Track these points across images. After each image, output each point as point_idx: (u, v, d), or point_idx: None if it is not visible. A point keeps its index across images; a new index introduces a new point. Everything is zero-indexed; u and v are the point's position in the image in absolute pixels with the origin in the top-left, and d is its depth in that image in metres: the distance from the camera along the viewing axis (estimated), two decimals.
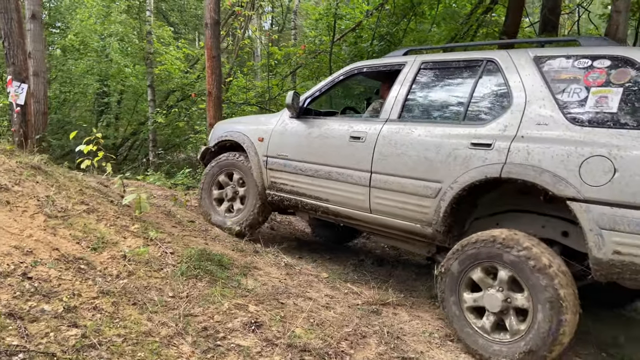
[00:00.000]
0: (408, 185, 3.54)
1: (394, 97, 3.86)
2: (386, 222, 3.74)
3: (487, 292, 3.09)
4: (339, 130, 4.07)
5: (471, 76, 3.56)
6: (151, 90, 11.37)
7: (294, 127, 4.42)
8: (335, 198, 4.03)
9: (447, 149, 3.37)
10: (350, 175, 3.90)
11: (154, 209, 4.68)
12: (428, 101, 3.82)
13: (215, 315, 2.96)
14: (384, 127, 3.79)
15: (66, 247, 3.13)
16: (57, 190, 3.83)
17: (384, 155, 3.69)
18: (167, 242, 3.77)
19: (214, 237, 4.53)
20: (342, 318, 3.36)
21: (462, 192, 3.26)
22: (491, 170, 3.13)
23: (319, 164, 4.13)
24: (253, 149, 4.65)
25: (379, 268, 4.77)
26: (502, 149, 3.12)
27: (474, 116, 3.44)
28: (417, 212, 3.51)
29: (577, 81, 3.08)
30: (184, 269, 3.37)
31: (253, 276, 3.76)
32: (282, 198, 4.49)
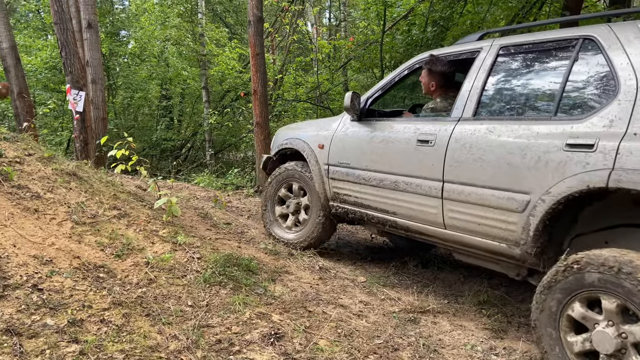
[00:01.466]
0: (488, 197, 2.97)
1: (468, 90, 3.29)
2: (464, 240, 3.18)
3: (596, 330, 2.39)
4: (404, 133, 3.58)
5: (563, 60, 2.93)
6: (206, 91, 11.55)
7: (355, 132, 3.99)
8: (404, 211, 3.54)
9: (535, 152, 2.76)
10: (419, 185, 3.40)
11: (190, 212, 4.64)
12: (509, 94, 3.20)
13: (234, 325, 2.80)
14: (456, 127, 3.24)
15: (88, 254, 3.10)
16: (90, 196, 3.85)
17: (457, 162, 3.15)
18: (195, 246, 3.68)
19: (249, 240, 4.40)
20: (374, 328, 3.09)
21: (557, 206, 2.64)
22: (594, 178, 2.48)
23: (384, 172, 3.67)
24: (313, 157, 4.29)
25: (423, 270, 4.43)
26: (609, 151, 2.47)
27: (568, 110, 2.80)
28: (501, 229, 2.93)
29: None
30: (207, 275, 3.25)
31: (282, 282, 3.58)
32: (347, 210, 4.06)
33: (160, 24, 13.35)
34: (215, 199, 5.61)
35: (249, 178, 8.53)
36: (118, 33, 14.65)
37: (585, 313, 2.43)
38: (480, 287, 3.88)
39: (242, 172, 8.94)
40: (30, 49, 13.41)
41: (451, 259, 4.73)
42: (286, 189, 4.65)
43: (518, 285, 3.88)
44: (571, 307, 2.47)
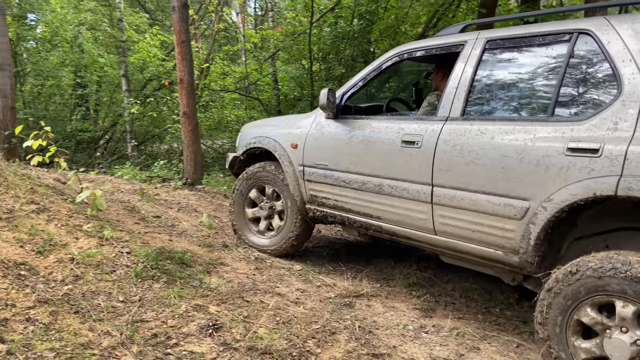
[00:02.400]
0: (483, 203, 2.80)
1: (454, 88, 3.09)
2: (457, 247, 3.02)
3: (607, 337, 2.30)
4: (387, 133, 3.35)
5: (557, 55, 2.75)
6: (125, 79, 11.01)
7: (331, 131, 3.72)
8: (389, 216, 3.34)
9: (533, 157, 2.59)
10: (405, 189, 3.20)
11: (115, 205, 4.44)
12: (499, 92, 3.00)
13: (170, 319, 2.73)
14: (444, 128, 3.04)
15: (7, 252, 2.89)
16: (4, 190, 3.57)
17: (447, 165, 2.96)
18: (124, 241, 3.53)
19: (181, 233, 4.29)
20: (311, 314, 3.15)
21: (560, 214, 2.50)
22: (602, 185, 2.34)
23: (366, 174, 3.44)
24: (287, 157, 3.99)
25: (355, 257, 4.55)
26: (615, 156, 2.31)
27: (566, 110, 2.63)
28: (498, 236, 2.78)
29: None
30: (138, 270, 3.13)
31: (218, 273, 3.54)
32: (326, 214, 3.82)
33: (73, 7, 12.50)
34: (142, 191, 5.39)
35: (176, 170, 8.27)
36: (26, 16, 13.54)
37: (596, 318, 2.31)
38: (410, 271, 4.06)
39: (169, 164, 8.64)
40: None
41: (380, 246, 4.92)
42: (258, 191, 4.34)
43: (444, 267, 4.12)
44: (582, 311, 2.36)
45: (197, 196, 6.15)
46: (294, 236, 4.10)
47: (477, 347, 2.95)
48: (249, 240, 4.35)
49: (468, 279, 3.90)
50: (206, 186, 7.01)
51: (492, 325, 3.27)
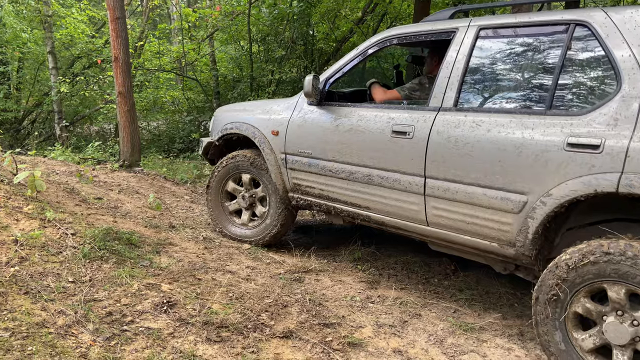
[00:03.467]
0: (478, 196, 2.78)
1: (446, 77, 3.01)
2: (450, 238, 3.01)
3: None
4: (376, 122, 3.26)
5: (555, 47, 2.70)
6: (52, 57, 10.34)
7: (316, 118, 3.61)
8: (379, 206, 3.30)
9: (532, 151, 2.56)
10: (397, 180, 3.14)
11: (54, 187, 4.28)
12: (494, 83, 2.98)
13: (123, 298, 2.74)
14: (437, 118, 2.98)
15: None
16: None
17: (441, 157, 2.92)
18: (67, 222, 3.45)
19: (125, 214, 4.22)
20: (263, 289, 3.25)
21: (560, 209, 2.50)
22: (603, 182, 2.33)
23: (354, 164, 3.37)
24: (267, 144, 3.86)
25: (302, 235, 4.70)
26: (617, 153, 2.30)
27: (564, 103, 2.62)
28: (494, 229, 2.77)
29: None
30: (86, 250, 3.09)
31: (167, 253, 3.55)
32: (310, 203, 3.76)
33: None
34: (79, 173, 5.20)
35: (112, 152, 7.98)
36: None
37: (591, 307, 2.36)
38: (355, 247, 4.25)
39: (103, 145, 8.30)
40: None
41: (326, 225, 5.09)
42: (235, 182, 4.22)
43: (386, 241, 4.36)
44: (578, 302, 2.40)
45: (137, 178, 6.01)
46: (277, 225, 4.02)
47: (418, 313, 3.19)
48: (231, 232, 4.23)
49: (408, 253, 4.15)
50: (145, 168, 6.85)
51: (432, 294, 3.53)
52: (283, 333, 2.71)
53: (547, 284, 2.48)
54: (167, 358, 2.26)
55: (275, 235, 4.07)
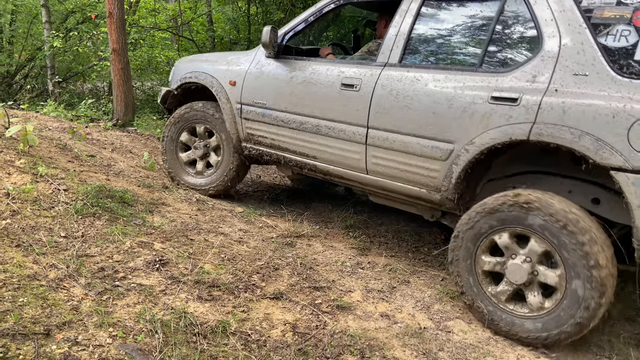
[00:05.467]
0: (413, 145, 3.02)
1: (394, 35, 3.22)
2: (386, 185, 3.25)
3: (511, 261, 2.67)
4: (328, 75, 3.44)
5: (491, 9, 2.94)
6: (46, 10, 10.04)
7: (272, 70, 3.75)
8: (325, 155, 3.49)
9: (461, 103, 2.82)
10: (342, 130, 3.34)
11: (46, 143, 4.23)
12: (436, 42, 3.19)
13: (115, 254, 2.75)
14: (382, 73, 3.20)
15: None
16: None
17: (383, 108, 3.13)
18: (60, 178, 3.43)
19: (118, 173, 4.20)
20: (255, 252, 3.28)
21: (480, 156, 2.77)
22: (517, 131, 2.61)
23: (305, 115, 3.53)
24: (224, 94, 3.98)
25: (295, 201, 4.70)
26: (531, 106, 2.59)
27: (494, 62, 2.87)
28: (424, 175, 3.03)
29: (624, 20, 2.48)
30: (78, 207, 3.08)
31: (160, 213, 3.55)
32: (262, 152, 3.90)
33: None
34: (72, 130, 5.14)
35: (105, 110, 7.88)
36: None
37: (510, 244, 2.66)
38: (347, 214, 4.28)
39: (97, 103, 8.18)
40: None
41: (320, 192, 5.10)
42: (189, 132, 4.31)
43: (378, 211, 4.38)
44: (499, 234, 2.67)
45: (130, 138, 5.96)
46: (231, 174, 4.15)
47: (407, 280, 3.24)
48: (187, 182, 4.35)
49: (400, 222, 4.18)
50: (138, 128, 6.78)
51: (421, 262, 3.58)
52: (273, 294, 2.75)
53: (461, 228, 2.83)
54: (158, 314, 2.29)
55: (228, 183, 4.21)
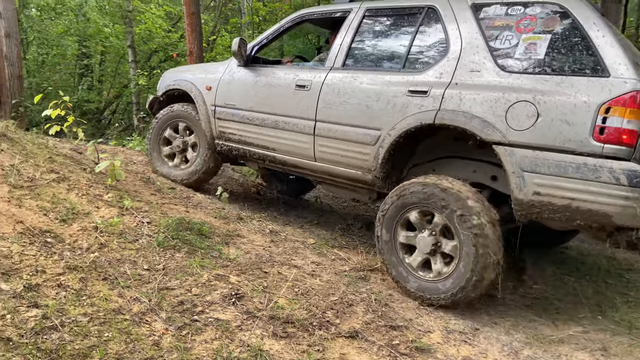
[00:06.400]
0: (350, 133, 3.61)
1: (339, 44, 3.87)
2: (330, 170, 3.82)
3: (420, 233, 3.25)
4: (285, 78, 4.07)
5: (413, 23, 3.59)
6: (132, 50, 10.89)
7: (241, 76, 4.39)
8: (282, 147, 4.07)
9: (386, 97, 3.44)
10: (295, 124, 3.93)
11: (131, 176, 4.47)
12: (371, 49, 3.85)
13: (194, 288, 2.80)
14: (328, 75, 3.81)
15: (32, 219, 2.94)
16: (24, 159, 3.60)
17: (327, 104, 3.74)
18: (143, 211, 3.58)
19: (196, 204, 4.34)
20: (328, 286, 3.22)
21: (399, 139, 3.35)
22: (426, 116, 3.23)
23: (266, 112, 4.14)
24: (201, 98, 4.59)
25: (367, 232, 4.62)
26: (437, 96, 3.21)
27: (413, 64, 3.51)
28: (358, 159, 3.59)
29: (509, 28, 3.14)
30: (160, 239, 3.19)
31: (235, 245, 3.60)
32: (231, 148, 4.48)
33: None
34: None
35: None
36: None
37: (420, 220, 3.24)
38: None
39: None
40: None
41: None
42: (172, 129, 4.87)
43: None
44: (411, 213, 3.25)
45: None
46: (204, 168, 4.69)
47: (492, 321, 3.03)
48: (166, 173, 4.85)
49: None
50: None
51: (507, 301, 3.35)
52: (348, 333, 2.66)
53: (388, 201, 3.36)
54: (235, 351, 2.28)
55: (201, 176, 4.74)
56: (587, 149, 2.73)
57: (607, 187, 2.66)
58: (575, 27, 2.93)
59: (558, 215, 2.83)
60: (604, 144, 2.69)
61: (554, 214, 2.83)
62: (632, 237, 2.90)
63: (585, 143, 2.72)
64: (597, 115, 2.70)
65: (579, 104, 2.76)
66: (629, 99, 2.64)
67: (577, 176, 2.73)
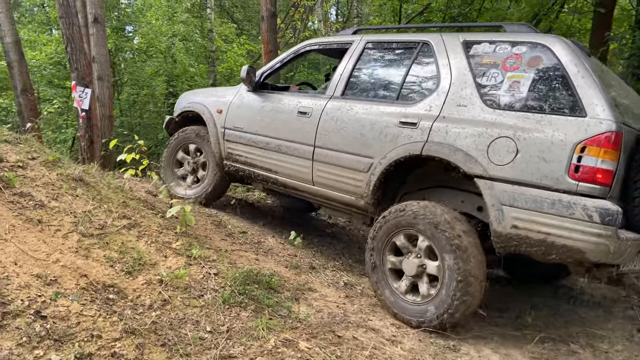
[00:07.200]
0: (345, 160, 3.72)
1: (340, 74, 3.98)
2: (326, 194, 3.92)
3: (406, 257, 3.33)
4: (289, 105, 4.20)
5: (408, 57, 3.68)
6: None
7: (249, 101, 4.54)
8: (283, 170, 4.19)
9: (379, 127, 3.54)
10: (296, 148, 4.05)
11: (203, 219, 4.35)
12: (369, 80, 3.95)
13: (258, 356, 2.50)
14: (328, 103, 3.92)
15: (97, 272, 2.81)
16: (98, 204, 3.55)
17: (326, 131, 3.85)
18: (211, 260, 3.38)
19: (267, 251, 4.10)
20: (411, 357, 2.79)
21: (390, 168, 3.44)
22: (414, 147, 3.31)
23: (270, 137, 4.26)
24: (212, 120, 4.75)
25: None
26: (425, 128, 3.30)
27: (406, 96, 3.59)
28: (352, 185, 3.69)
29: (496, 66, 3.21)
30: (226, 295, 2.95)
31: (306, 301, 3.28)
32: (238, 168, 4.62)
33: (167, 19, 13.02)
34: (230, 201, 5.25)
35: None
36: (124, 28, 14.32)
37: (405, 244, 3.34)
38: (524, 308, 3.57)
39: None
40: (35, 43, 13.08)
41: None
42: (183, 151, 5.07)
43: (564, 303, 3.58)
44: (398, 237, 3.35)
45: (282, 209, 5.99)
46: (213, 186, 4.85)
47: None
48: (178, 193, 4.89)
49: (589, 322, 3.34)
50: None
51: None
52: None
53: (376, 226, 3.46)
54: None
55: (210, 193, 4.87)
56: (562, 186, 2.78)
57: (580, 223, 2.71)
58: (557, 67, 2.98)
59: (535, 249, 2.88)
60: (578, 182, 2.75)
61: (530, 247, 2.89)
62: (613, 273, 3.00)
63: (560, 180, 2.79)
64: (573, 154, 2.76)
65: (556, 142, 2.82)
66: (604, 139, 2.70)
67: (553, 212, 2.79)
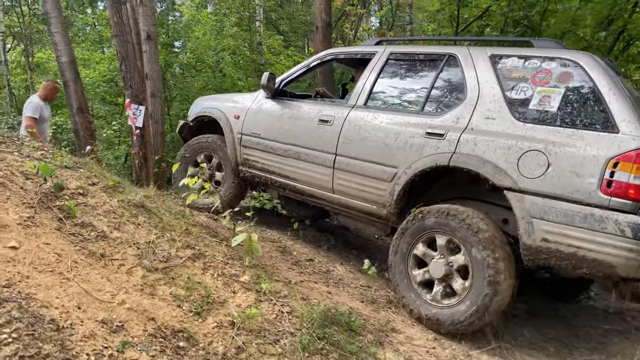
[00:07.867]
0: (368, 169, 3.73)
1: (363, 84, 4.00)
2: (346, 203, 3.91)
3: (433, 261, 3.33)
4: (310, 112, 4.19)
5: (434, 69, 3.70)
6: None
7: (268, 107, 4.52)
8: (302, 177, 4.17)
9: (404, 137, 3.55)
10: (316, 156, 4.04)
11: (267, 245, 4.06)
12: (393, 90, 3.98)
13: None
14: (350, 112, 3.94)
15: (164, 314, 2.54)
16: (160, 233, 3.31)
17: (348, 139, 3.86)
18: (282, 296, 3.07)
19: (337, 281, 3.76)
20: None
21: (415, 178, 3.45)
22: (441, 158, 3.33)
23: (289, 144, 4.24)
24: (229, 126, 4.71)
25: (558, 325, 3.63)
26: (453, 140, 3.32)
27: (432, 107, 3.63)
28: (374, 194, 3.69)
29: (525, 80, 3.23)
30: (305, 341, 2.61)
31: (392, 345, 2.90)
32: (254, 175, 4.58)
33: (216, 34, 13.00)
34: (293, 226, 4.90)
35: None
36: (173, 44, 14.44)
37: (425, 251, 3.36)
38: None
39: None
40: (88, 62, 13.34)
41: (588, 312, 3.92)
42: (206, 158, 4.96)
43: None
44: (416, 247, 3.39)
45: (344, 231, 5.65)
46: (230, 192, 4.79)
47: None
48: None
49: None
50: None
51: None
52: None
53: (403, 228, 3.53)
54: None
55: (229, 199, 4.74)
56: (594, 200, 2.79)
57: (612, 238, 2.72)
58: (589, 84, 3.00)
59: (564, 262, 2.87)
60: (610, 196, 2.75)
61: (560, 261, 2.88)
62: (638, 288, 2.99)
63: (593, 195, 2.80)
64: (605, 169, 2.78)
65: (589, 157, 2.84)
66: (636, 155, 2.72)
67: (584, 226, 2.79)
